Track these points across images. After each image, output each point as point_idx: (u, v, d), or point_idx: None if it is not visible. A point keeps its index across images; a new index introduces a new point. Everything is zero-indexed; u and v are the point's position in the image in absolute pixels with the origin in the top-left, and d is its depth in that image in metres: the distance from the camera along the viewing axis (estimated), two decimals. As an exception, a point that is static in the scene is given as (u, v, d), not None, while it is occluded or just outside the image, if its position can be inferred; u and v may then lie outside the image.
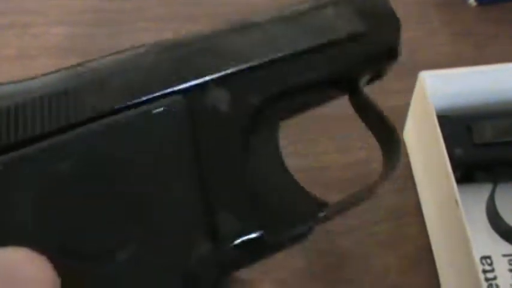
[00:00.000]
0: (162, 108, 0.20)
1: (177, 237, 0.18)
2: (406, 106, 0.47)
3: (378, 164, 0.47)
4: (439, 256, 0.41)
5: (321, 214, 0.20)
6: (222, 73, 0.21)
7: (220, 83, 0.21)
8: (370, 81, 0.26)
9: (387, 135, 0.24)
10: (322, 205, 0.20)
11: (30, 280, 0.15)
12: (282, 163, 0.21)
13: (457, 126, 0.41)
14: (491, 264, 0.40)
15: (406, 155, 0.46)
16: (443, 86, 0.41)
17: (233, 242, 0.18)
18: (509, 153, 0.41)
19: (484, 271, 0.40)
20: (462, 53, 0.55)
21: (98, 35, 0.59)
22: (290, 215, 0.20)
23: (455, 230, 0.35)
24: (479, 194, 0.43)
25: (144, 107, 0.20)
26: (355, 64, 0.24)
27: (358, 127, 0.50)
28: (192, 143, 0.19)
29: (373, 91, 0.46)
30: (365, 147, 0.48)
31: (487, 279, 0.40)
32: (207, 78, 0.21)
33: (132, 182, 0.18)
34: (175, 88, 0.20)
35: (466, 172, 0.42)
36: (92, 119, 0.19)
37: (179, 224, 0.18)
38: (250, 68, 0.21)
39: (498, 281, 0.40)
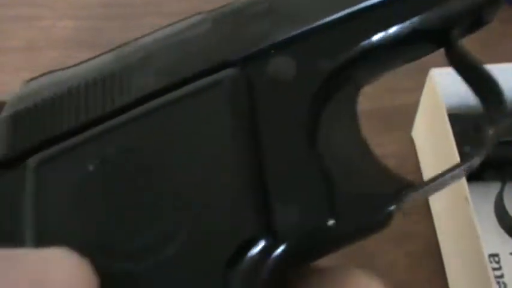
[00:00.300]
0: (215, 84, 0.18)
1: (229, 233, 0.15)
2: (415, 104, 0.46)
3: (388, 160, 0.47)
4: (446, 253, 0.41)
5: (408, 196, 0.17)
6: (285, 37, 0.18)
7: (283, 49, 0.18)
8: (471, 29, 0.21)
9: (488, 89, 0.20)
10: (408, 185, 0.17)
11: (65, 281, 0.14)
12: (360, 136, 0.18)
13: (466, 124, 0.41)
14: (498, 262, 0.40)
15: (415, 153, 0.46)
16: (453, 84, 0.41)
17: (296, 234, 0.15)
18: (518, 151, 0.41)
19: (492, 269, 0.40)
20: (470, 52, 0.55)
21: (106, 29, 0.59)
22: (369, 196, 0.16)
23: (465, 227, 0.35)
24: (488, 193, 0.43)
25: (195, 84, 0.18)
26: (449, 11, 0.20)
27: (368, 125, 0.51)
28: (249, 122, 0.17)
29: (381, 89, 0.46)
30: (376, 144, 0.48)
31: (494, 277, 0.40)
32: (267, 44, 0.18)
33: (180, 171, 0.16)
34: (231, 59, 0.18)
35: (475, 170, 0.42)
36: (140, 101, 0.18)
37: (232, 218, 0.16)
38: (318, 29, 0.18)
39: (506, 279, 0.40)
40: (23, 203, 0.17)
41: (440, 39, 0.20)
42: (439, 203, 0.42)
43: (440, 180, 0.18)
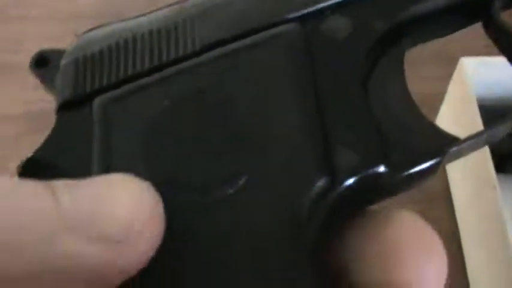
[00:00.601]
0: (277, 37, 0.19)
1: (291, 171, 0.17)
2: (440, 93, 0.47)
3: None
4: (466, 240, 0.42)
5: (453, 149, 0.18)
6: None
7: (339, 9, 0.19)
8: (508, 5, 0.22)
9: None
10: (452, 140, 0.18)
11: (126, 203, 0.15)
12: (408, 93, 0.19)
13: (493, 114, 0.42)
14: (518, 253, 0.41)
15: (438, 141, 0.46)
16: (483, 73, 0.42)
17: (353, 176, 0.17)
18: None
19: None
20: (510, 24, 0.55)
21: (133, 2, 0.58)
22: (417, 150, 0.17)
23: (490, 215, 0.36)
24: (510, 185, 0.43)
25: (258, 36, 0.19)
26: None
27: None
28: (308, 73, 0.18)
29: (407, 77, 0.47)
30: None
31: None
32: (324, 4, 0.19)
33: (245, 113, 0.18)
34: (291, 16, 0.19)
35: (499, 162, 0.42)
36: (204, 50, 0.19)
37: (294, 157, 0.17)
38: None
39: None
40: (91, 141, 0.18)
41: (481, 11, 0.21)
42: (461, 190, 0.43)
43: (477, 140, 0.19)
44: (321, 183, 0.16)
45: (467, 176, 0.41)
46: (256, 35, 0.19)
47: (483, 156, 0.37)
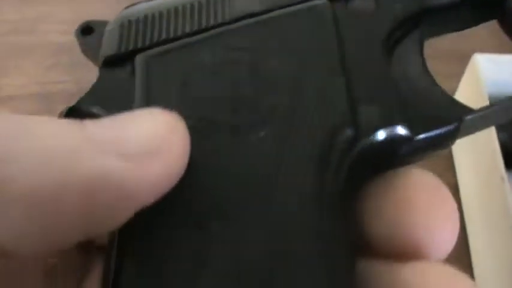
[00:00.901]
0: (308, 9, 0.21)
1: (320, 121, 0.18)
2: (452, 89, 0.47)
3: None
4: (472, 232, 0.43)
5: (468, 117, 0.19)
6: None
7: None
8: None
9: None
10: (468, 109, 0.20)
11: (150, 127, 0.16)
12: (427, 70, 0.20)
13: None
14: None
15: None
16: (495, 70, 0.42)
17: (375, 129, 0.18)
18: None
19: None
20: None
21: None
22: (435, 115, 0.19)
23: (497, 206, 0.36)
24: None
25: (290, 8, 0.21)
26: None
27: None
28: (336, 42, 0.20)
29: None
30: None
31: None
32: None
33: (277, 69, 0.19)
34: None
35: (506, 159, 0.42)
36: (240, 19, 0.20)
37: (322, 110, 0.18)
38: None
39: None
40: (131, 94, 0.19)
41: (496, 7, 0.22)
42: (469, 183, 0.43)
43: (490, 112, 0.21)
44: (347, 133, 0.18)
45: (475, 168, 0.42)
46: (289, 8, 0.21)
47: (491, 148, 0.38)
